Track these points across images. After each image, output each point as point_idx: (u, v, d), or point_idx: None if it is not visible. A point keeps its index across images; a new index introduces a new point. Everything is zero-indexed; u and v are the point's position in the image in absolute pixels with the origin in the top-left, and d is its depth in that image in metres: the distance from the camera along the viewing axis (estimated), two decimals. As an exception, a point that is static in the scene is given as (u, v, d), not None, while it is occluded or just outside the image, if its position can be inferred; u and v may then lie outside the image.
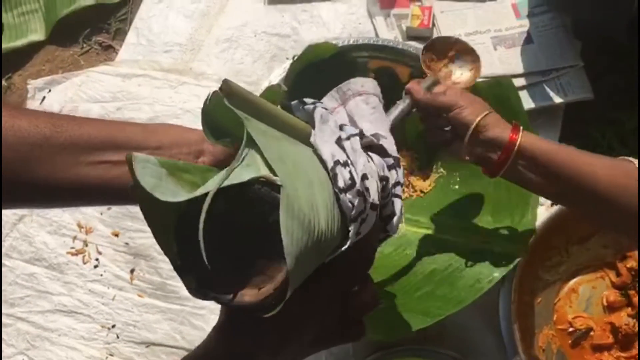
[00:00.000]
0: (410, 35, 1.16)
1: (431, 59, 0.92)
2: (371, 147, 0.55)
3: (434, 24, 1.16)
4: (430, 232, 0.97)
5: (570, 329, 1.00)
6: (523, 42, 1.14)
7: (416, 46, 1.01)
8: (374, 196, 0.50)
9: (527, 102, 1.09)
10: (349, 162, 0.49)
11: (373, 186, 0.51)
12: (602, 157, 0.71)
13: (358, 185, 0.48)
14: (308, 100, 0.55)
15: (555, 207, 0.96)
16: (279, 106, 0.55)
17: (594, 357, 0.99)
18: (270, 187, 0.42)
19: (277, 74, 0.96)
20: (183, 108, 1.14)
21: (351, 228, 0.48)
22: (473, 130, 0.73)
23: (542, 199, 0.94)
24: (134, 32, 1.24)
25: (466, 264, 0.89)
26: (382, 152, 0.56)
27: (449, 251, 0.92)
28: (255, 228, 0.42)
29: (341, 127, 0.53)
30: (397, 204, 0.56)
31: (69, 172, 0.48)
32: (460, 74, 0.94)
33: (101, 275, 1.07)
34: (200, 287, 0.43)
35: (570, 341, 1.00)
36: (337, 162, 0.48)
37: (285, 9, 1.23)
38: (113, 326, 1.04)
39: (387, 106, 0.99)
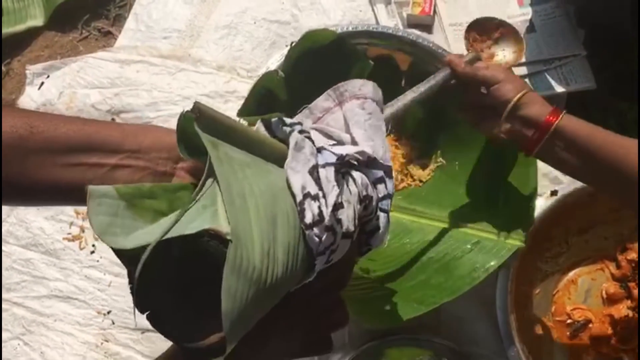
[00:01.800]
0: (411, 22, 1.15)
1: (475, 38, 0.92)
2: (358, 161, 0.54)
3: (435, 12, 1.15)
4: (427, 221, 0.96)
5: (569, 321, 0.99)
6: (525, 30, 1.13)
7: (417, 34, 0.99)
8: (347, 224, 0.49)
9: (529, 91, 1.08)
10: (320, 194, 0.47)
11: (349, 214, 0.49)
12: (635, 140, 0.72)
13: (327, 221, 0.46)
14: (287, 120, 0.53)
15: (555, 198, 0.95)
16: (259, 122, 0.53)
17: (592, 350, 0.99)
18: (218, 241, 0.40)
19: (275, 60, 0.95)
20: (181, 94, 1.13)
21: (317, 261, 0.47)
22: (512, 106, 0.74)
23: (541, 190, 0.94)
24: (133, 18, 1.23)
25: (463, 253, 0.88)
26: (371, 164, 0.55)
27: (445, 240, 0.91)
28: (207, 276, 0.40)
29: (320, 150, 0.51)
30: (383, 218, 0.55)
31: (44, 174, 0.47)
32: (503, 56, 0.94)
33: (97, 261, 1.06)
34: (154, 324, 0.42)
35: (568, 333, 0.99)
36: (306, 195, 0.46)
37: (286, -5, 1.22)
38: (109, 312, 1.04)
39: (387, 96, 0.99)
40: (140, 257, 0.41)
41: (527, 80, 1.09)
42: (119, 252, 0.43)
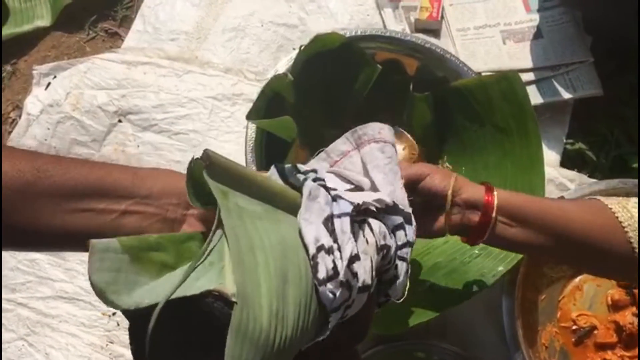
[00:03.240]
0: (419, 27, 1.15)
1: None
2: (377, 208, 0.52)
3: (442, 17, 1.15)
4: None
5: (574, 327, 0.99)
6: (533, 36, 1.13)
7: (424, 39, 1.00)
8: (364, 277, 0.47)
9: (536, 98, 1.08)
10: (335, 247, 0.45)
11: (366, 266, 0.47)
12: (570, 201, 0.70)
13: (342, 276, 0.44)
14: (301, 167, 0.52)
15: (562, 204, 0.95)
16: (272, 167, 0.52)
17: (597, 356, 0.98)
18: (223, 302, 0.39)
19: (283, 64, 0.95)
20: (188, 97, 1.13)
21: (331, 318, 0.45)
22: (451, 194, 0.67)
23: (546, 195, 0.94)
24: (141, 20, 1.23)
25: (470, 258, 0.88)
26: (390, 210, 0.53)
27: (453, 245, 0.91)
28: (210, 342, 0.39)
29: (335, 199, 0.49)
30: (402, 267, 0.53)
31: (51, 220, 0.46)
32: (402, 149, 0.94)
33: (103, 262, 1.06)
34: None
35: (573, 339, 0.99)
36: (320, 248, 0.45)
37: (293, -1, 1.22)
38: (113, 314, 1.03)
39: (395, 101, 0.99)
40: (142, 314, 0.39)
41: (533, 86, 1.09)
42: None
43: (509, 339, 0.91)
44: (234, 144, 1.10)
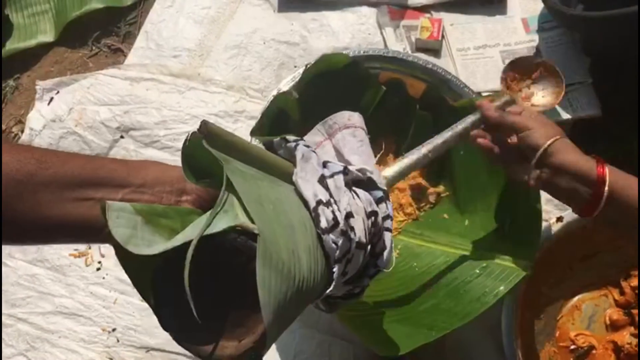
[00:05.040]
0: (420, 47, 1.16)
1: (513, 77, 0.88)
2: (358, 182, 0.55)
3: (443, 37, 1.16)
4: (435, 245, 0.96)
5: (572, 347, 1.00)
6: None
7: (425, 58, 1.01)
8: (360, 234, 0.50)
9: (535, 118, 1.09)
10: (332, 201, 0.48)
11: (359, 224, 0.50)
12: None
13: (342, 225, 0.47)
14: (290, 137, 0.55)
15: (561, 224, 0.96)
16: (260, 144, 0.56)
17: (596, 376, 0.99)
18: (247, 236, 0.41)
19: (286, 82, 0.96)
20: (190, 113, 1.14)
21: (335, 269, 0.47)
22: (542, 153, 0.71)
23: (544, 215, 0.94)
24: (144, 36, 1.24)
25: (471, 277, 0.88)
26: (369, 185, 0.56)
27: (454, 265, 0.91)
28: (234, 278, 0.41)
29: (324, 164, 0.52)
30: (387, 237, 0.56)
31: (53, 209, 0.47)
32: (542, 97, 0.91)
33: (103, 278, 1.06)
34: (179, 340, 0.42)
35: (572, 359, 0.99)
36: (319, 202, 0.48)
37: (295, 17, 1.23)
38: (113, 330, 1.03)
39: (393, 122, 1.00)
40: (164, 267, 0.42)
41: (533, 106, 1.10)
42: (136, 275, 0.44)
43: (509, 358, 0.91)
44: (236, 161, 1.10)
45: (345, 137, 0.60)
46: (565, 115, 1.09)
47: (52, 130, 1.14)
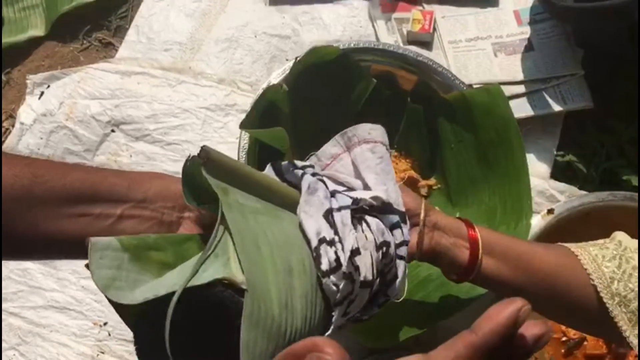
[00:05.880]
0: (411, 39, 1.16)
1: None
2: (372, 207, 0.52)
3: (434, 29, 1.16)
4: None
5: (564, 338, 1.00)
6: (524, 49, 1.14)
7: (416, 51, 1.00)
8: (365, 273, 0.47)
9: (527, 110, 1.09)
10: (337, 239, 0.45)
11: (367, 260, 0.47)
12: (537, 243, 0.70)
13: (344, 267, 0.44)
14: (298, 163, 0.52)
15: (552, 216, 0.96)
16: (269, 166, 0.53)
17: (587, 367, 0.99)
18: (233, 290, 0.38)
19: (277, 75, 0.96)
20: (181, 107, 1.13)
21: (335, 312, 0.45)
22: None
23: (535, 207, 0.94)
24: (134, 30, 1.24)
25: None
26: (385, 209, 0.53)
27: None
28: (220, 332, 0.39)
29: (333, 194, 0.49)
30: (400, 266, 0.53)
31: (49, 226, 0.46)
32: None
33: (94, 272, 1.06)
34: None
35: (563, 350, 0.99)
36: (322, 241, 0.45)
37: (286, 10, 1.23)
38: (105, 324, 1.03)
39: (384, 115, 1.00)
40: (146, 313, 0.39)
41: (524, 98, 1.10)
42: (121, 311, 0.41)
43: (500, 351, 0.91)
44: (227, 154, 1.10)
45: (364, 154, 0.56)
46: (557, 107, 1.09)
47: (43, 124, 1.14)
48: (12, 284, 1.07)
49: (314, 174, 0.51)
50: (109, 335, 1.03)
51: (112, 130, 1.13)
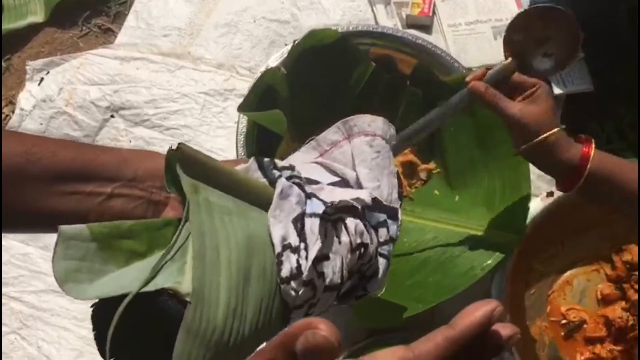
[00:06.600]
0: (410, 23, 1.16)
1: (518, 40, 0.75)
2: (356, 207, 0.51)
3: (434, 12, 1.15)
4: (425, 221, 0.96)
5: (563, 321, 1.00)
6: (523, 32, 1.13)
7: (416, 35, 1.00)
8: (332, 277, 0.47)
9: (526, 93, 1.08)
10: (302, 246, 0.45)
11: (335, 266, 0.47)
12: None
13: (305, 275, 0.44)
14: (278, 163, 0.52)
15: (551, 199, 0.96)
16: (252, 159, 0.52)
17: (587, 350, 0.99)
18: (177, 300, 0.39)
19: (275, 59, 0.96)
20: (180, 92, 1.13)
21: (292, 315, 0.45)
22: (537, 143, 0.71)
23: (535, 189, 0.94)
24: (134, 16, 1.23)
25: (460, 252, 0.88)
26: (373, 207, 0.52)
27: (443, 240, 0.91)
28: (165, 340, 0.38)
29: (309, 197, 0.49)
30: (382, 264, 0.53)
31: (40, 203, 0.46)
32: (547, 61, 0.77)
33: (95, 257, 1.07)
34: None
35: (562, 333, 1.00)
36: (286, 247, 0.45)
37: (286, -6, 1.23)
38: (106, 308, 1.04)
39: (383, 98, 1.00)
40: (101, 306, 0.40)
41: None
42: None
43: (498, 333, 0.91)
44: (226, 139, 1.10)
45: (361, 146, 0.55)
46: (557, 91, 1.08)
47: (43, 110, 1.14)
48: (13, 268, 1.07)
49: (290, 177, 0.50)
50: (110, 319, 1.03)
51: (112, 116, 1.13)
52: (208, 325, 0.37)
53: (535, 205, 0.94)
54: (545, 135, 0.71)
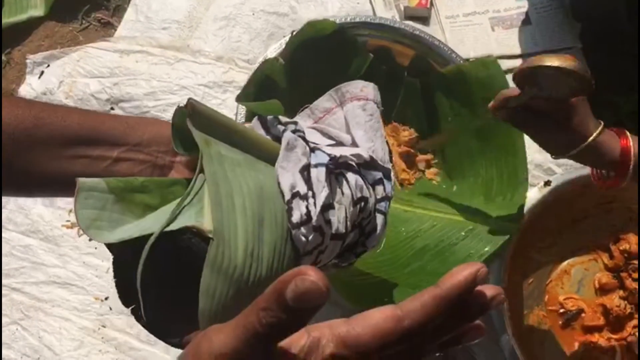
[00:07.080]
0: (408, 15, 1.16)
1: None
2: (357, 164, 0.53)
3: (432, 4, 1.16)
4: (423, 210, 0.97)
5: (561, 310, 1.00)
6: (521, 23, 1.14)
7: (414, 26, 1.00)
8: (339, 225, 0.49)
9: (524, 84, 1.09)
10: (310, 194, 0.47)
11: (340, 215, 0.49)
12: None
13: (314, 221, 0.46)
14: (282, 119, 0.53)
15: (549, 188, 0.96)
16: (255, 118, 0.54)
17: (584, 339, 1.00)
18: (201, 238, 0.41)
19: (273, 50, 0.96)
20: (179, 84, 1.14)
21: (303, 262, 0.47)
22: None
23: (532, 179, 0.94)
24: (133, 9, 1.24)
25: (457, 240, 0.89)
26: (369, 165, 0.54)
27: (440, 228, 0.92)
28: (191, 277, 0.40)
29: (313, 150, 0.51)
30: (380, 220, 0.55)
31: (49, 166, 0.48)
32: None
33: (95, 248, 1.07)
34: (148, 328, 0.42)
35: (560, 322, 1.00)
36: (295, 195, 0.47)
37: (284, -13, 1.23)
38: (106, 298, 1.05)
39: (381, 90, 0.99)
40: (123, 252, 0.42)
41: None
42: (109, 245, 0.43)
43: (496, 322, 0.92)
44: (225, 130, 1.10)
45: (354, 110, 0.58)
46: (555, 81, 1.09)
47: (43, 103, 1.15)
48: (14, 260, 1.08)
49: (295, 131, 0.52)
50: (110, 309, 1.04)
51: (112, 108, 1.14)
52: (230, 263, 0.39)
53: (533, 195, 0.94)
54: (592, 137, 0.71)
